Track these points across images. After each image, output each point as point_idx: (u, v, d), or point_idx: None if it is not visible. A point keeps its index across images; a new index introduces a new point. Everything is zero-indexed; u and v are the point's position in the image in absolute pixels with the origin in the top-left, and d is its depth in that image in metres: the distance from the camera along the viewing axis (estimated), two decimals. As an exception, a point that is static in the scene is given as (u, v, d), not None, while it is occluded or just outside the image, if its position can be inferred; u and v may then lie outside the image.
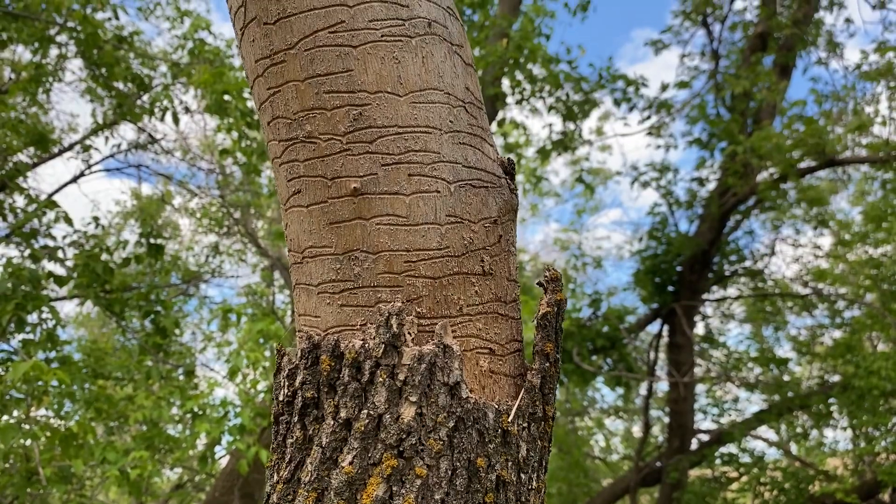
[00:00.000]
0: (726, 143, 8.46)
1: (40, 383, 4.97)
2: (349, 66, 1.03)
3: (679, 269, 9.22)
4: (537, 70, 7.95)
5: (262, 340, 6.32)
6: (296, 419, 1.03)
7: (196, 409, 6.07)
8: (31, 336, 5.71)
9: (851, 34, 8.96)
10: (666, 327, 9.47)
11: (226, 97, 6.47)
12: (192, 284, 9.50)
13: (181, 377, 7.32)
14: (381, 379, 0.98)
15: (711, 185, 9.22)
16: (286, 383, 1.05)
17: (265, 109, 1.10)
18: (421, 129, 1.05)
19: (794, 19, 8.37)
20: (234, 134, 7.01)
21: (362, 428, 0.97)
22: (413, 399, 0.97)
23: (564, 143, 8.81)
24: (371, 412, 0.97)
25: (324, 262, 1.06)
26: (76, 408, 6.04)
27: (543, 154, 9.02)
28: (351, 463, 0.97)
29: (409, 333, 1.00)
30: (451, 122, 1.07)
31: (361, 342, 1.00)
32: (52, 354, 6.24)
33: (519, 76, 8.05)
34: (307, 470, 1.00)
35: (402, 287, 1.02)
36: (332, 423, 0.99)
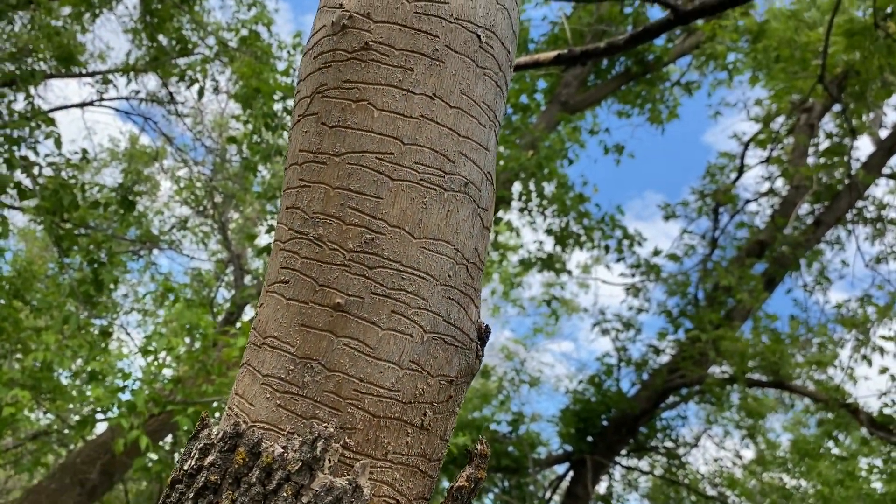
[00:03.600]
0: (693, 325, 8.63)
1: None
2: (381, 193, 1.07)
3: (605, 423, 9.26)
4: (549, 189, 8.13)
5: (187, 325, 6.20)
6: (190, 495, 1.02)
7: (96, 371, 5.91)
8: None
9: (842, 276, 9.30)
10: (571, 473, 9.44)
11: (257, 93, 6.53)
12: (146, 247, 9.36)
13: (96, 332, 7.13)
14: (285, 494, 0.97)
15: (665, 359, 9.36)
16: (196, 455, 1.04)
17: (289, 195, 1.13)
18: (420, 274, 1.08)
19: (795, 241, 8.68)
20: (249, 126, 7.03)
21: (248, 534, 0.96)
22: (307, 525, 0.97)
23: (549, 264, 8.94)
24: (263, 522, 0.97)
25: (280, 357, 1.07)
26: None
27: (526, 266, 9.13)
28: (223, 563, 0.96)
29: (329, 460, 1.00)
30: (449, 276, 1.11)
31: (282, 450, 1.00)
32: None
33: (531, 186, 8.22)
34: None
35: (341, 413, 1.03)
36: (222, 515, 0.98)
